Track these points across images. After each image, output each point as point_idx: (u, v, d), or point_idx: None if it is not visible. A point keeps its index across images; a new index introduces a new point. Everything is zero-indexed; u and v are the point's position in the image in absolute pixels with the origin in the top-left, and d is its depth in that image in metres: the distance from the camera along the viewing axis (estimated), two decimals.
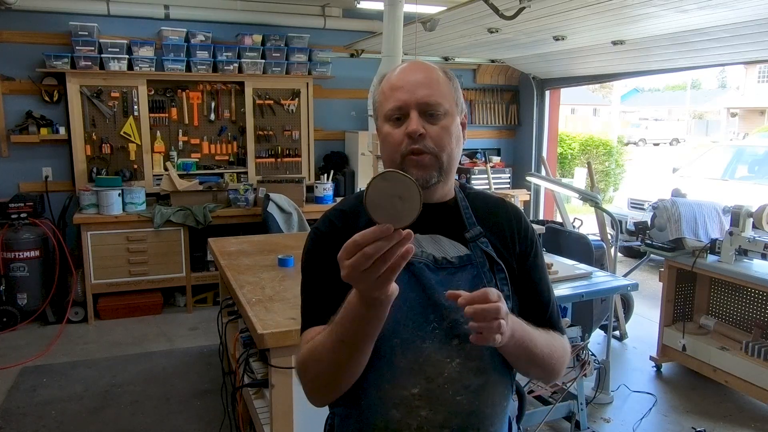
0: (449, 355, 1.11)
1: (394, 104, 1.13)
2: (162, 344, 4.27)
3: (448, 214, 1.20)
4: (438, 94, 1.13)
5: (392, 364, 1.10)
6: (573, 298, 2.86)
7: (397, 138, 1.12)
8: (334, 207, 1.26)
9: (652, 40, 4.31)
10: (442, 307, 1.11)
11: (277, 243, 3.56)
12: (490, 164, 6.39)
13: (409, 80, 1.13)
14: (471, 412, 1.13)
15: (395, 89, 1.13)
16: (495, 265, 1.17)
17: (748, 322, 3.60)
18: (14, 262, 4.43)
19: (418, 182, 0.92)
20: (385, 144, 1.16)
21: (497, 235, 1.21)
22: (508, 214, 1.26)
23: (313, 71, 5.52)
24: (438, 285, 1.12)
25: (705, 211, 3.79)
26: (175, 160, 5.19)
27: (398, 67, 1.18)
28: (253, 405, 2.45)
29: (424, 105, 1.12)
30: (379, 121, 1.18)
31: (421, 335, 1.10)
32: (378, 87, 1.19)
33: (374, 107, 1.21)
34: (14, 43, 4.83)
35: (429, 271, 1.13)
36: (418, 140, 1.11)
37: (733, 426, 3.20)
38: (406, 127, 1.12)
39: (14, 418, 3.22)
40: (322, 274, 1.16)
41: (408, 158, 1.13)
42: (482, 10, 3.44)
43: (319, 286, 1.16)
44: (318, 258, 1.18)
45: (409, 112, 1.12)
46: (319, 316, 1.14)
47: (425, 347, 1.10)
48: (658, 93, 35.48)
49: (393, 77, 1.16)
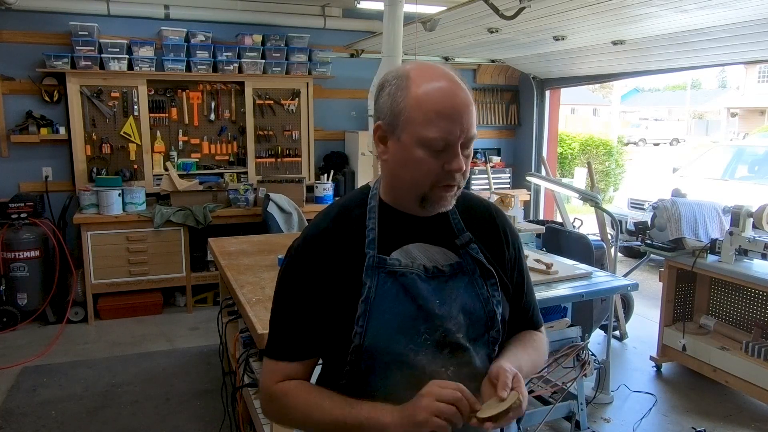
0: (443, 365, 1.10)
1: (439, 135, 1.03)
2: (162, 344, 4.27)
3: (437, 221, 1.16)
4: (474, 121, 1.07)
5: (386, 380, 1.08)
6: (573, 298, 2.86)
7: (434, 169, 1.05)
8: (317, 225, 1.17)
9: (652, 40, 4.31)
10: (435, 317, 1.09)
11: (277, 243, 3.56)
12: (490, 164, 6.39)
13: (456, 108, 1.03)
14: None
15: (443, 116, 1.03)
16: (486, 271, 1.15)
17: (748, 322, 3.60)
18: (14, 262, 4.43)
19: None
20: (415, 168, 1.06)
21: (485, 240, 1.20)
22: (494, 218, 1.24)
23: (313, 71, 5.52)
24: (430, 294, 1.10)
25: (705, 211, 3.79)
26: (175, 160, 5.19)
27: (435, 82, 1.05)
28: (253, 405, 2.45)
29: (469, 139, 1.06)
30: (404, 136, 1.05)
31: (414, 348, 1.08)
32: (403, 94, 1.05)
33: (398, 117, 1.06)
34: (14, 43, 4.83)
35: (421, 281, 1.10)
36: (456, 177, 1.07)
37: (733, 426, 3.20)
38: (445, 160, 1.05)
39: (14, 418, 3.22)
40: (302, 300, 1.12)
41: (439, 192, 1.08)
42: (482, 10, 3.44)
43: (298, 315, 1.13)
44: (300, 281, 1.13)
45: (452, 145, 1.04)
46: (295, 348, 1.13)
47: (419, 360, 1.08)
48: (658, 93, 35.48)
49: (437, 98, 1.03)
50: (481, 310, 1.13)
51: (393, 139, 1.08)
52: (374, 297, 1.07)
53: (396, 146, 1.08)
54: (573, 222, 4.88)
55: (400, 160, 1.07)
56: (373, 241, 1.10)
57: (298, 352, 1.14)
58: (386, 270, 1.09)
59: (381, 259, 1.09)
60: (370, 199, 1.16)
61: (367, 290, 1.07)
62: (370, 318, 1.07)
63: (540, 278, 2.89)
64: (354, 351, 1.07)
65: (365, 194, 1.18)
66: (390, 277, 1.09)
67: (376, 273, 1.08)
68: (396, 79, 1.08)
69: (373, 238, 1.11)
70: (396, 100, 1.06)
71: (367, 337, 1.06)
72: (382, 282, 1.08)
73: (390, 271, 1.09)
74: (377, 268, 1.09)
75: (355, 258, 1.10)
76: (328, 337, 1.13)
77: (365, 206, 1.15)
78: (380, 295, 1.07)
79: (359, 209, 1.15)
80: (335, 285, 1.10)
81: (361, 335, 1.07)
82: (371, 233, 1.11)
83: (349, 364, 1.09)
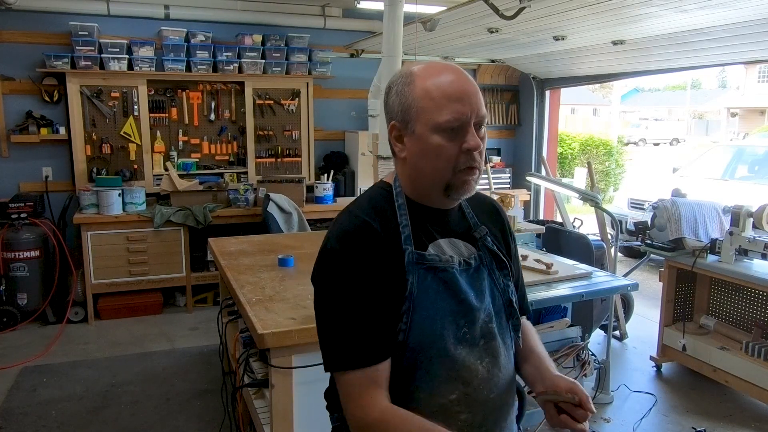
0: (479, 357, 1.13)
1: (452, 116, 1.05)
2: (162, 344, 4.27)
3: (456, 215, 1.20)
4: (483, 104, 1.10)
5: (429, 375, 1.10)
6: (573, 298, 2.86)
7: (452, 152, 1.07)
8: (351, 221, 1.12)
9: (652, 40, 4.31)
10: (474, 309, 1.13)
11: (277, 243, 3.56)
12: (490, 164, 6.38)
13: (466, 90, 1.07)
14: (501, 406, 1.16)
15: (453, 100, 1.06)
16: (500, 262, 1.20)
17: (748, 322, 3.60)
18: (14, 262, 4.43)
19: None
20: (435, 156, 1.08)
21: (493, 232, 1.24)
22: (498, 212, 1.30)
23: (313, 71, 5.52)
24: (468, 288, 1.13)
25: (705, 211, 3.79)
26: (175, 160, 5.19)
27: (440, 73, 1.09)
28: (253, 405, 2.45)
29: (481, 118, 1.09)
30: (419, 127, 1.08)
31: (454, 342, 1.10)
32: (411, 89, 1.09)
33: (409, 111, 1.09)
34: (14, 43, 4.83)
35: (459, 275, 1.13)
36: (476, 156, 1.09)
37: (733, 426, 3.20)
38: (461, 141, 1.07)
39: (14, 418, 3.22)
40: (361, 293, 1.05)
41: (462, 176, 1.09)
42: (482, 10, 3.44)
43: (363, 310, 1.04)
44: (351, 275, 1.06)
45: (465, 125, 1.07)
46: (375, 348, 1.03)
47: (458, 353, 1.10)
48: (658, 93, 35.48)
49: (444, 85, 1.07)
50: (500, 300, 1.18)
51: (408, 134, 1.10)
52: (417, 293, 1.08)
53: (412, 140, 1.10)
54: (573, 222, 4.88)
55: (419, 151, 1.09)
56: (409, 237, 1.11)
57: (379, 351, 1.05)
58: (426, 266, 1.10)
59: (420, 255, 1.11)
60: (396, 196, 1.16)
61: (410, 286, 1.08)
62: (413, 314, 1.08)
63: (540, 278, 2.89)
64: (398, 347, 1.08)
65: (387, 191, 1.17)
66: (429, 272, 1.10)
67: (416, 269, 1.10)
68: (401, 78, 1.12)
69: (408, 234, 1.11)
70: (404, 95, 1.10)
71: (412, 333, 1.08)
72: (422, 278, 1.10)
73: (429, 267, 1.11)
74: (417, 264, 1.10)
75: (394, 254, 1.10)
76: None
77: (393, 203, 1.15)
78: (422, 291, 1.09)
79: (388, 206, 1.15)
80: (378, 280, 1.08)
81: (405, 332, 1.07)
82: (405, 229, 1.12)
83: (392, 360, 1.09)
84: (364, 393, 1.03)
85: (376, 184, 1.23)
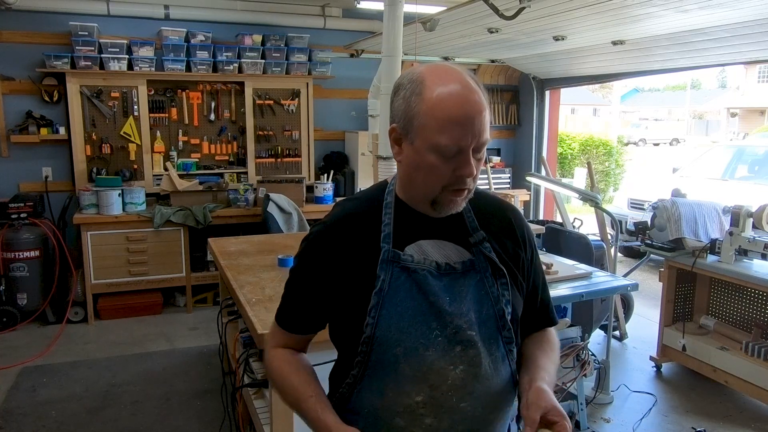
0: (453, 362, 1.11)
1: (452, 142, 1.04)
2: (162, 344, 4.27)
3: (452, 218, 1.18)
4: (487, 125, 1.08)
5: (396, 373, 1.10)
6: (573, 298, 2.86)
7: (445, 173, 1.07)
8: (335, 215, 1.22)
9: (652, 40, 4.31)
10: (446, 313, 1.11)
11: (277, 243, 3.56)
12: (490, 164, 6.39)
13: (469, 114, 1.04)
14: (475, 418, 1.13)
15: (456, 123, 1.04)
16: (497, 270, 1.17)
17: (748, 322, 3.60)
18: (14, 262, 4.43)
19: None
20: (427, 172, 1.08)
21: (500, 239, 1.21)
22: (510, 219, 1.26)
23: (313, 71, 5.52)
24: (442, 291, 1.12)
25: (705, 211, 3.79)
26: (175, 160, 5.19)
27: (449, 87, 1.05)
28: (253, 405, 2.45)
29: (481, 144, 1.08)
30: (418, 141, 1.07)
31: (424, 343, 1.10)
32: (418, 100, 1.06)
33: (412, 122, 1.07)
34: (14, 43, 4.83)
35: (432, 277, 1.12)
36: (467, 181, 1.09)
37: (733, 426, 3.20)
38: (456, 165, 1.07)
39: (14, 418, 3.22)
40: (313, 283, 1.19)
41: (450, 195, 1.10)
42: (482, 10, 3.44)
43: (305, 295, 1.21)
44: (313, 263, 1.19)
45: (464, 151, 1.06)
46: (295, 323, 1.24)
47: (428, 355, 1.09)
48: (658, 93, 35.50)
49: (450, 106, 1.04)
50: (491, 309, 1.15)
51: (407, 142, 1.10)
52: (387, 290, 1.10)
53: (409, 150, 1.10)
54: (573, 222, 4.88)
55: (413, 163, 1.10)
56: (388, 236, 1.14)
57: (298, 327, 1.24)
58: (400, 265, 1.12)
59: (395, 253, 1.12)
60: (386, 195, 1.18)
61: (381, 283, 1.10)
62: (381, 309, 1.09)
63: None
64: (365, 341, 1.10)
65: (382, 190, 1.21)
66: (403, 272, 1.12)
67: (390, 267, 1.11)
68: (410, 83, 1.09)
69: (388, 232, 1.14)
70: (410, 105, 1.07)
71: (378, 328, 1.09)
72: (395, 276, 1.11)
73: (403, 267, 1.12)
74: (391, 262, 1.12)
75: (370, 250, 1.13)
76: (341, 328, 1.18)
77: (382, 201, 1.18)
78: (393, 289, 1.10)
79: (376, 203, 1.18)
80: (349, 274, 1.14)
81: (373, 326, 1.09)
82: (386, 228, 1.14)
83: (360, 355, 1.11)
84: (272, 341, 1.29)
85: (379, 182, 1.27)
